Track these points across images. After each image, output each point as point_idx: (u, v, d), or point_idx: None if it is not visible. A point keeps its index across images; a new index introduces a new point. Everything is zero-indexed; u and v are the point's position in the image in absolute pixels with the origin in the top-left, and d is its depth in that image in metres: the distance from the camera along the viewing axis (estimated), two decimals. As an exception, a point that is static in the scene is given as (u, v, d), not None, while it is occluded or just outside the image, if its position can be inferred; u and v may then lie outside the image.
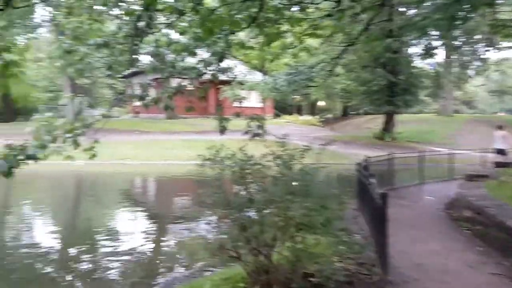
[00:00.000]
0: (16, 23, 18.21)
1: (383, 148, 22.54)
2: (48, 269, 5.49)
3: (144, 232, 7.45)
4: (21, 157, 4.59)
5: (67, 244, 6.67)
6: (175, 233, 7.55)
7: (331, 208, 4.39)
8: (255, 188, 4.62)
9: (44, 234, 7.20)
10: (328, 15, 7.93)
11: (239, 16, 5.90)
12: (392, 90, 27.85)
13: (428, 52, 16.13)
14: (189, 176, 13.40)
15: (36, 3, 17.79)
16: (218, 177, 4.69)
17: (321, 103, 47.74)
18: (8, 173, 4.51)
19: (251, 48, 9.31)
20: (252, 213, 4.43)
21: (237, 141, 4.94)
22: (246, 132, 5.96)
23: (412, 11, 15.74)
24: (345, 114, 47.40)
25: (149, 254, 6.31)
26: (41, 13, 21.52)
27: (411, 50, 29.91)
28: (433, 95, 44.09)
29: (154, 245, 6.72)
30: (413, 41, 22.78)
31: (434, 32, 13.47)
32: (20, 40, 26.07)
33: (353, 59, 25.07)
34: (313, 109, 47.62)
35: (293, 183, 4.46)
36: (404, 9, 19.53)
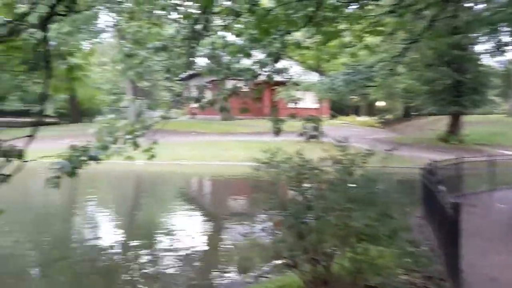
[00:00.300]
0: (80, 28, 19.27)
1: (449, 151, 21.26)
2: (109, 264, 5.62)
3: (199, 231, 7.49)
4: (83, 158, 4.74)
5: (127, 240, 6.85)
6: (230, 235, 7.51)
7: (396, 218, 4.07)
8: (312, 194, 4.41)
9: (107, 229, 7.46)
10: (390, 12, 7.53)
11: (295, 15, 5.73)
12: (458, 89, 26.27)
13: (498, 49, 14.97)
14: (244, 177, 13.42)
15: (100, 9, 18.73)
16: (273, 181, 4.53)
17: (380, 104, 46.13)
18: (72, 173, 4.66)
19: (307, 48, 9.09)
20: (309, 220, 4.22)
21: (292, 143, 4.76)
22: (302, 134, 5.77)
23: (479, 6, 14.66)
24: (407, 115, 45.40)
25: (205, 254, 6.30)
26: (105, 18, 22.66)
27: (479, 47, 28.02)
28: (503, 94, 41.08)
29: (209, 245, 6.71)
30: (481, 38, 21.28)
31: (505, 28, 12.43)
32: (85, 45, 27.67)
33: (416, 57, 23.88)
34: (371, 110, 46.14)
35: (354, 190, 4.19)
36: (470, 4, 18.31)
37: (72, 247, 6.27)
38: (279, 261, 4.27)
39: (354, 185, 4.26)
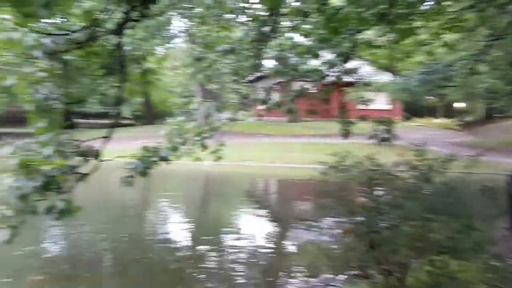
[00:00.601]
0: (154, 34, 20.18)
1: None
2: (178, 262, 5.75)
3: (266, 233, 7.44)
4: (154, 158, 4.89)
5: (196, 238, 6.98)
6: (296, 239, 7.37)
7: (480, 230, 3.69)
8: (385, 202, 4.14)
9: (177, 228, 7.67)
10: (470, 7, 6.95)
11: (367, 13, 5.47)
12: (547, 89, 23.74)
13: None
14: (311, 180, 13.20)
15: (172, 15, 19.53)
16: (342, 187, 4.33)
17: (458, 105, 43.14)
18: (144, 173, 4.83)
19: (379, 47, 8.71)
20: (382, 229, 3.96)
21: (362, 146, 4.52)
22: (373, 137, 5.49)
23: None
24: (489, 117, 41.96)
25: (271, 256, 6.23)
26: (178, 24, 23.59)
27: None
28: None
29: (275, 248, 6.62)
30: None
31: None
32: (159, 50, 29.04)
33: (499, 55, 21.96)
34: (449, 111, 43.32)
35: (433, 198, 3.86)
36: None
37: (146, 245, 6.52)
38: (348, 271, 4.06)
39: (433, 193, 3.92)
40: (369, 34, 8.20)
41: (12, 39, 3.62)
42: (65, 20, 4.28)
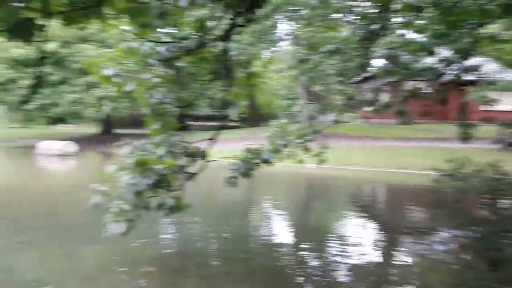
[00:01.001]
0: (260, 38, 20.71)
1: None
2: (279, 264, 5.75)
3: (372, 242, 7.08)
4: (257, 160, 4.97)
5: (298, 241, 6.93)
6: (406, 250, 6.88)
7: None
8: (511, 216, 3.62)
9: (279, 229, 7.72)
10: None
11: (490, 5, 4.88)
12: None
13: None
14: (423, 188, 12.29)
15: (278, 19, 19.87)
16: (459, 196, 3.90)
17: None
18: (246, 174, 4.94)
19: (505, 41, 7.74)
20: (505, 247, 3.46)
21: (484, 152, 4.00)
22: (497, 141, 4.87)
23: None
24: None
25: (377, 267, 5.89)
26: (284, 27, 23.90)
27: None
28: None
29: (382, 258, 6.25)
30: None
31: None
32: (264, 54, 29.77)
33: None
34: None
35: None
36: None
37: (249, 244, 6.67)
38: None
39: None
40: (493, 27, 7.35)
41: (131, 48, 3.99)
42: (177, 29, 4.57)
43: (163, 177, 3.60)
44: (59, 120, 27.47)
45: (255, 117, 35.28)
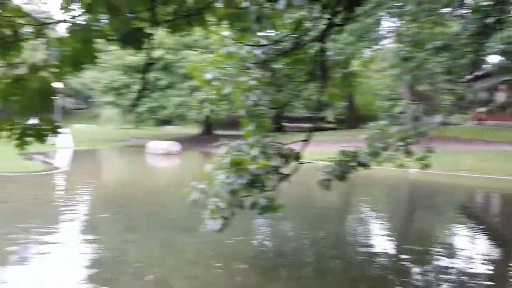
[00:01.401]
0: (361, 36, 20.04)
1: None
2: (378, 271, 5.51)
3: (483, 253, 6.42)
4: (352, 163, 4.80)
5: (398, 249, 6.56)
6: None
7: None
8: None
9: (378, 235, 7.39)
10: None
11: None
12: None
13: None
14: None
15: (381, 16, 19.05)
16: None
17: None
18: (341, 177, 4.81)
19: None
20: None
21: None
22: None
23: None
24: None
25: (488, 280, 5.33)
26: (387, 24, 22.82)
27: None
28: None
29: (495, 274, 5.63)
30: None
31: None
32: (365, 52, 28.73)
33: None
34: None
35: None
36: None
37: (344, 248, 6.50)
38: None
39: None
40: None
41: (230, 52, 4.15)
42: (274, 31, 4.64)
43: (256, 177, 3.68)
44: (165, 121, 29.77)
45: (353, 119, 34.32)
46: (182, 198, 4.48)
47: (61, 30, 2.66)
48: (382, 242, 6.79)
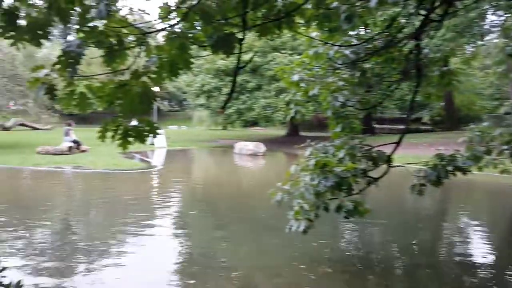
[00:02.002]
0: (462, 32, 18.49)
1: None
2: (475, 284, 5.06)
3: None
4: (449, 167, 4.45)
5: (502, 264, 5.96)
6: None
7: None
8: None
9: (477, 247, 6.78)
10: None
11: None
12: None
13: None
14: None
15: (485, 9, 17.41)
16: None
17: None
18: (436, 182, 4.48)
19: None
20: None
21: None
22: None
23: None
24: None
25: None
26: (492, 18, 20.78)
27: None
28: None
29: None
30: None
31: None
32: (467, 49, 26.45)
33: None
34: None
35: None
36: None
37: (437, 257, 6.08)
38: None
39: None
40: None
41: (318, 53, 4.11)
42: (365, 30, 4.50)
43: (343, 180, 3.59)
44: (252, 123, 30.45)
45: (452, 120, 31.82)
46: (267, 198, 4.54)
47: (160, 38, 2.86)
48: (481, 253, 6.22)
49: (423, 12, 3.99)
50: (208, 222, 7.69)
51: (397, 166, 4.18)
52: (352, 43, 4.38)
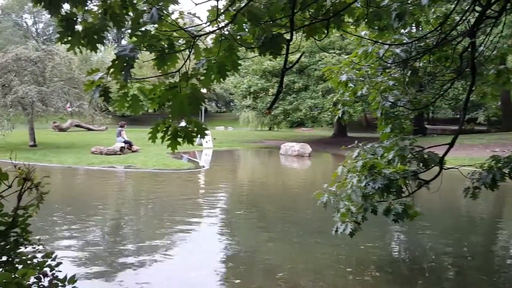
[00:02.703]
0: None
1: None
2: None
3: None
4: (506, 170, 4.20)
5: None
6: None
7: None
8: None
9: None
10: None
11: None
12: None
13: None
14: None
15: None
16: None
17: None
18: (491, 185, 4.24)
19: None
20: None
21: None
22: None
23: None
24: None
25: None
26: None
27: None
28: None
29: None
30: None
31: None
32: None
33: None
34: None
35: None
36: None
37: (492, 266, 5.76)
38: None
39: None
40: None
41: (368, 52, 4.02)
42: (417, 28, 4.35)
43: (392, 182, 3.49)
44: (299, 123, 30.26)
45: (509, 121, 29.98)
46: (313, 200, 4.51)
47: (208, 40, 2.92)
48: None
49: (478, 8, 3.79)
50: (254, 222, 7.75)
51: (450, 168, 4.00)
52: (403, 41, 4.25)
